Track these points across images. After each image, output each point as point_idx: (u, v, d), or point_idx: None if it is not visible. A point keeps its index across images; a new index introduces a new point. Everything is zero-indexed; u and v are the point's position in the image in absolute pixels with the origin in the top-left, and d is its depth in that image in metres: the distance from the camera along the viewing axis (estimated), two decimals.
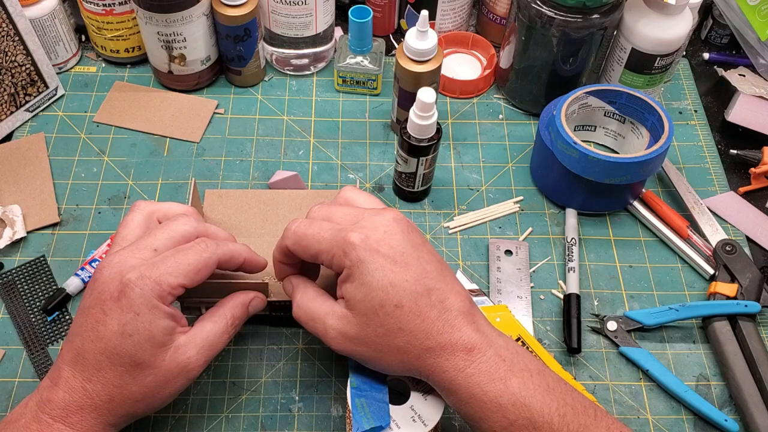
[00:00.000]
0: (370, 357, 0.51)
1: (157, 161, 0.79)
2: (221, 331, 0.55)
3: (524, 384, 0.49)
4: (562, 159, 0.71)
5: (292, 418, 0.62)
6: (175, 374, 0.52)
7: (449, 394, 0.51)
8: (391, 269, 0.49)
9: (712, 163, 0.82)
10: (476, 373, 0.49)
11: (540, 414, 0.48)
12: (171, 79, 0.83)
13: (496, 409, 0.48)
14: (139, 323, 0.49)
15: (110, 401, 0.50)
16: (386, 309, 0.49)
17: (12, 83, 0.78)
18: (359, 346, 0.51)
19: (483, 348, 0.49)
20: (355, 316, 0.50)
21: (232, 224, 0.69)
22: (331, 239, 0.51)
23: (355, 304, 0.50)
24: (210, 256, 0.53)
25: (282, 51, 0.85)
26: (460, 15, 0.89)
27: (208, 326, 0.54)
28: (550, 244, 0.74)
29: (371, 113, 0.84)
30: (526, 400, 0.48)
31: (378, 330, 0.50)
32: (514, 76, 0.83)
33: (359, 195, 0.57)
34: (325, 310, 0.53)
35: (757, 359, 0.65)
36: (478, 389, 0.49)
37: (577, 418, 0.48)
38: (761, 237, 0.75)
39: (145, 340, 0.50)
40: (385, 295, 0.49)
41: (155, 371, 0.51)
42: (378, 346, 0.51)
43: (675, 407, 0.64)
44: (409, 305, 0.49)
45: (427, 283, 0.50)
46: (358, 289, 0.50)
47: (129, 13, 0.81)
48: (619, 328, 0.68)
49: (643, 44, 0.77)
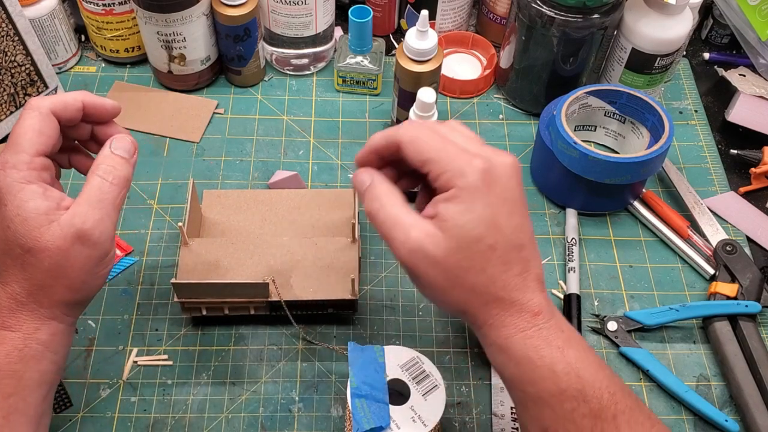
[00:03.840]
0: (438, 284, 0.49)
1: (156, 161, 0.79)
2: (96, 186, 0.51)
3: (580, 356, 0.48)
4: (562, 159, 0.71)
5: (292, 418, 0.62)
6: (70, 247, 0.49)
7: (500, 352, 0.49)
8: (500, 210, 0.48)
9: (713, 163, 0.82)
10: (536, 336, 0.48)
11: (592, 387, 0.47)
12: (171, 79, 0.83)
13: (548, 375, 0.47)
14: (9, 212, 0.48)
15: (30, 294, 0.49)
16: (480, 246, 0.48)
17: (12, 83, 0.78)
18: (433, 270, 0.48)
19: (547, 315, 0.49)
20: (446, 239, 0.48)
21: (231, 224, 0.69)
22: (454, 154, 0.48)
23: (451, 227, 0.48)
24: (38, 113, 0.50)
25: (282, 51, 0.85)
26: (460, 15, 0.89)
27: (82, 191, 0.51)
28: (551, 244, 0.74)
29: (371, 113, 0.84)
30: (580, 371, 0.47)
31: (462, 262, 0.48)
32: (514, 76, 0.83)
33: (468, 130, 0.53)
34: (412, 221, 0.49)
35: (758, 359, 0.64)
36: (534, 352, 0.48)
37: (625, 400, 0.48)
38: (761, 237, 0.75)
39: (21, 225, 0.48)
40: (486, 231, 0.47)
41: (47, 252, 0.49)
42: (453, 278, 0.48)
43: (675, 407, 0.64)
44: (501, 251, 0.48)
45: (522, 237, 0.49)
46: (463, 214, 0.47)
47: (129, 13, 0.81)
48: (620, 328, 0.68)
49: (644, 44, 0.77)
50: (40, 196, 0.49)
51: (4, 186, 0.49)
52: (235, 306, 0.64)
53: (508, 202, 0.48)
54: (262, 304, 0.64)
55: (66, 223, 0.49)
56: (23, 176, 0.49)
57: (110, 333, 0.66)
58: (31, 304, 0.50)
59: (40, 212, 0.49)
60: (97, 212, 0.50)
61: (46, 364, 0.50)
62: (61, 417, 0.61)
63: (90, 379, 0.64)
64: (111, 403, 0.62)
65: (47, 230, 0.49)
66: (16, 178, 0.49)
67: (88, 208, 0.50)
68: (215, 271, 0.65)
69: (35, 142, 0.50)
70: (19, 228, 0.48)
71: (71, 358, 0.64)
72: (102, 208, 0.50)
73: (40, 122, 0.50)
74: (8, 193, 0.49)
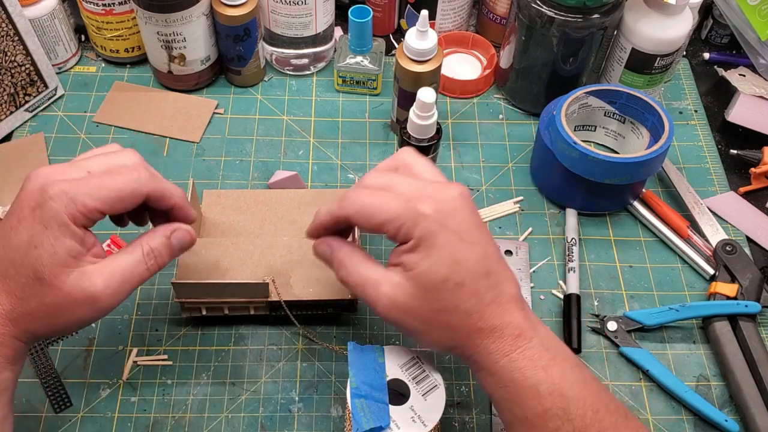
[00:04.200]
0: (418, 329, 0.51)
1: (156, 161, 0.79)
2: (135, 261, 0.52)
3: (564, 375, 0.49)
4: (562, 159, 0.71)
5: (292, 418, 0.62)
6: (79, 300, 0.50)
7: (488, 376, 0.50)
8: (459, 246, 0.49)
9: (713, 163, 0.82)
10: (520, 359, 0.49)
11: (575, 406, 0.48)
12: (171, 79, 0.83)
13: (533, 396, 0.48)
14: (44, 236, 0.48)
15: (12, 311, 0.49)
16: (448, 285, 0.49)
17: (12, 83, 0.78)
18: (410, 318, 0.50)
19: (530, 335, 0.49)
20: (413, 287, 0.49)
21: (230, 224, 0.69)
22: (400, 209, 0.49)
23: (416, 274, 0.49)
24: (139, 186, 0.51)
25: (282, 51, 0.85)
26: (460, 15, 0.89)
27: (121, 257, 0.52)
28: (550, 244, 0.74)
29: (371, 113, 0.84)
30: (564, 390, 0.48)
31: (434, 305, 0.49)
32: (514, 76, 0.83)
33: (419, 160, 0.54)
34: (377, 276, 0.51)
35: (757, 359, 0.64)
36: (519, 374, 0.48)
37: (610, 416, 0.49)
38: (761, 237, 0.75)
39: (48, 255, 0.48)
40: (449, 271, 0.48)
41: (56, 291, 0.49)
42: (430, 320, 0.50)
43: (675, 407, 0.64)
44: (469, 285, 0.49)
45: (487, 264, 0.50)
46: (424, 260, 0.49)
47: (129, 13, 0.81)
48: (620, 328, 0.68)
49: (644, 44, 0.77)
50: (78, 239, 0.50)
51: (53, 210, 0.48)
52: (235, 306, 0.64)
53: (465, 235, 0.49)
54: (262, 304, 0.64)
55: (87, 278, 0.50)
56: (74, 214, 0.49)
57: (110, 333, 0.66)
58: (6, 318, 0.49)
59: (71, 254, 0.49)
60: (118, 287, 0.51)
61: (6, 374, 0.50)
62: (61, 417, 0.61)
63: (90, 379, 0.64)
64: (111, 403, 0.62)
65: (68, 273, 0.49)
66: (67, 211, 0.49)
67: (112, 280, 0.50)
68: (215, 271, 0.65)
69: (111, 205, 0.50)
70: (44, 256, 0.48)
71: (71, 358, 0.64)
72: (124, 285, 0.51)
73: (131, 194, 0.51)
74: (53, 219, 0.48)
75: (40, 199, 0.49)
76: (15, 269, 0.49)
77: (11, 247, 0.49)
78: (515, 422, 0.50)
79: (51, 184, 0.49)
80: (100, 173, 0.50)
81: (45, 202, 0.48)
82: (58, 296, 0.49)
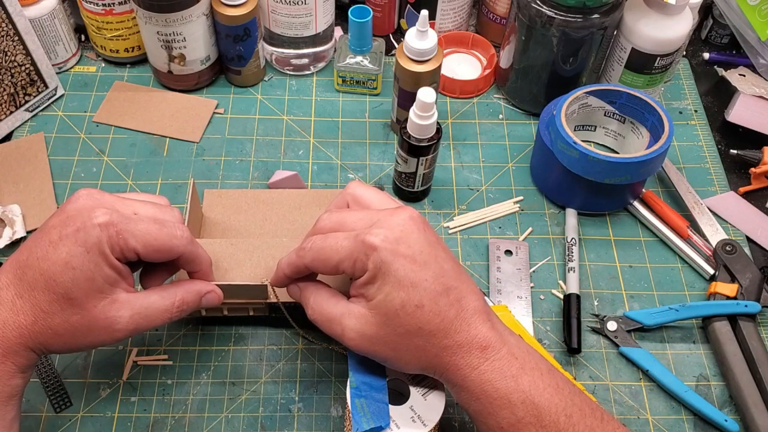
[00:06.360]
0: (388, 356, 0.52)
1: (156, 161, 0.79)
2: (164, 307, 0.54)
3: (534, 382, 0.49)
4: (562, 159, 0.71)
5: (292, 418, 0.62)
6: (101, 326, 0.51)
7: (460, 391, 0.51)
8: (411, 269, 0.49)
9: (712, 163, 0.82)
10: (489, 371, 0.49)
11: (548, 413, 0.48)
12: (171, 79, 0.83)
13: (505, 406, 0.49)
14: (84, 260, 0.49)
15: (34, 323, 0.50)
16: (407, 309, 0.49)
17: (12, 83, 0.78)
18: (378, 346, 0.51)
19: (497, 346, 0.50)
20: (375, 316, 0.50)
21: (231, 224, 0.69)
22: (351, 246, 0.51)
23: (376, 304, 0.50)
24: (179, 245, 0.53)
25: (282, 51, 0.85)
26: (460, 15, 0.89)
27: (153, 297, 0.54)
28: (550, 244, 0.74)
29: (371, 113, 0.84)
30: (535, 398, 0.49)
31: (398, 330, 0.50)
32: (514, 76, 0.83)
33: (366, 191, 0.56)
34: (341, 310, 0.52)
35: (757, 359, 0.64)
36: (489, 386, 0.49)
37: (584, 420, 0.49)
38: (761, 237, 0.75)
39: (84, 279, 0.49)
40: (406, 295, 0.49)
41: (83, 313, 0.50)
42: (397, 346, 0.51)
43: (675, 407, 0.64)
44: (429, 305, 0.49)
45: (445, 281, 0.50)
46: (380, 289, 0.50)
47: (129, 13, 0.81)
48: (619, 328, 0.68)
49: (643, 44, 0.77)
50: (115, 270, 0.51)
51: (97, 237, 0.49)
52: (234, 307, 0.64)
53: (417, 257, 0.50)
54: (261, 305, 0.64)
55: (115, 307, 0.51)
56: (114, 247, 0.50)
57: None
58: (25, 329, 0.50)
59: (107, 282, 0.51)
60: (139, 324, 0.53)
61: (17, 381, 0.51)
62: (61, 417, 0.61)
63: (90, 379, 0.64)
64: (111, 403, 0.62)
65: (100, 299, 0.51)
66: (110, 242, 0.50)
67: (137, 316, 0.52)
68: (215, 272, 0.65)
69: (148, 252, 0.52)
70: (80, 279, 0.49)
71: (71, 357, 0.64)
72: (146, 323, 0.53)
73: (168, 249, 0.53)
74: (95, 246, 0.49)
75: (87, 221, 0.49)
76: (46, 283, 0.49)
77: (48, 260, 0.49)
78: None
79: (100, 210, 0.50)
80: (147, 219, 0.52)
81: (92, 227, 0.49)
82: (84, 318, 0.50)
